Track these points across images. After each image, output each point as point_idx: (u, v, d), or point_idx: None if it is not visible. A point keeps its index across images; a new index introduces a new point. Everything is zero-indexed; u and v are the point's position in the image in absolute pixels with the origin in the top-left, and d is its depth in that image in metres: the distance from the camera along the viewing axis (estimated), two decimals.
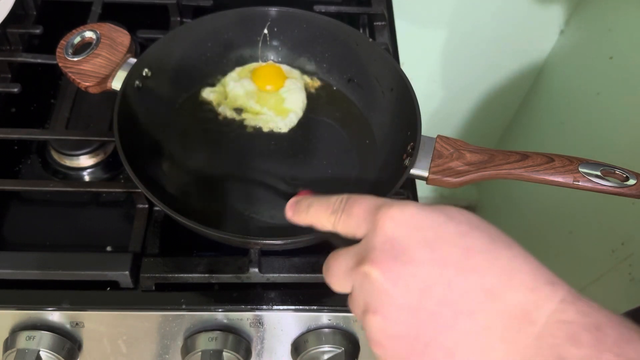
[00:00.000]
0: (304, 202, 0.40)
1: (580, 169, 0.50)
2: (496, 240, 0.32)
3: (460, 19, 1.09)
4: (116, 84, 0.56)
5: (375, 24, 0.75)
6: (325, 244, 0.52)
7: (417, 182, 0.57)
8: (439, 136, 0.53)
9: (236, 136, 0.61)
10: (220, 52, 0.65)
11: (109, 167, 0.62)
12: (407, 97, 0.56)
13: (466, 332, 0.30)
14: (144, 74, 0.58)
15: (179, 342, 0.53)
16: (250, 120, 0.62)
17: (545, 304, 0.30)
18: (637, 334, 0.28)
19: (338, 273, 0.36)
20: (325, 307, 0.52)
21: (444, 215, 0.33)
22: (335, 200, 0.38)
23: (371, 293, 0.32)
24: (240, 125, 0.62)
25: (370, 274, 0.32)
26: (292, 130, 0.62)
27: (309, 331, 0.53)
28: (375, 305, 0.32)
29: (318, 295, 0.53)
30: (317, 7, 0.72)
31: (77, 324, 0.51)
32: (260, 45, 0.66)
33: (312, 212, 0.39)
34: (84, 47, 0.57)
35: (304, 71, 0.67)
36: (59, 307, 0.50)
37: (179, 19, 0.73)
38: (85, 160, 0.61)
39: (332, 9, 0.73)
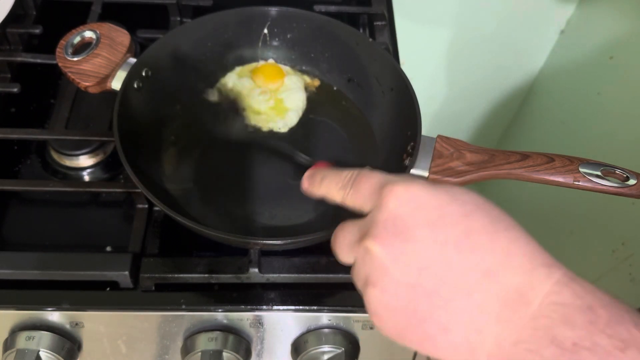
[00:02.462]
0: (319, 174, 0.42)
1: (581, 169, 0.50)
2: (498, 221, 0.32)
3: (461, 19, 1.09)
4: (116, 83, 0.55)
5: (375, 23, 0.75)
6: (325, 244, 0.52)
7: None
8: (439, 136, 0.53)
9: (236, 136, 0.61)
10: (220, 52, 0.65)
11: (108, 167, 0.62)
12: (407, 97, 0.56)
13: (462, 311, 0.31)
14: (143, 73, 0.58)
15: (179, 343, 0.53)
16: (250, 120, 0.62)
17: (541, 285, 0.30)
18: (629, 314, 0.29)
19: (343, 244, 0.37)
20: (325, 307, 0.52)
21: (448, 195, 0.33)
22: (345, 174, 0.39)
23: (372, 267, 0.33)
24: (241, 125, 0.62)
25: (372, 249, 0.33)
26: (292, 130, 0.62)
27: (309, 331, 0.53)
28: (375, 279, 0.33)
29: (318, 295, 0.53)
30: (317, 7, 0.72)
31: (76, 324, 0.51)
32: (260, 45, 0.66)
33: (324, 185, 0.41)
34: (83, 47, 0.57)
35: (303, 71, 0.67)
36: (58, 307, 0.50)
37: (178, 18, 0.73)
38: (85, 160, 0.61)
39: (332, 8, 0.73)
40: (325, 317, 0.53)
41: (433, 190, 0.34)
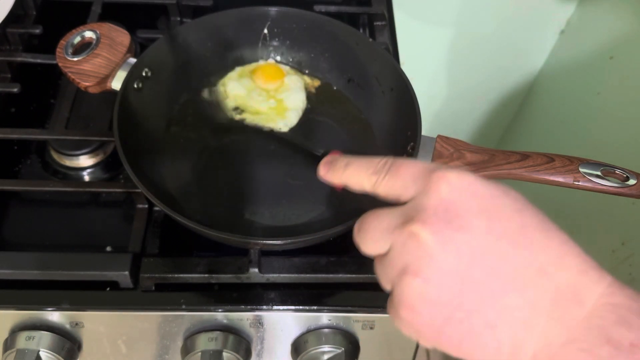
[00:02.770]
0: (342, 161, 0.39)
1: (581, 169, 0.50)
2: (548, 222, 0.32)
3: (461, 19, 1.09)
4: (116, 83, 0.55)
5: (375, 23, 0.75)
6: (325, 244, 0.52)
7: None
8: (439, 136, 0.53)
9: (236, 136, 0.61)
10: (220, 52, 0.65)
11: (108, 167, 0.62)
12: (407, 97, 0.56)
13: (512, 307, 0.30)
14: (143, 74, 0.58)
15: (179, 343, 0.53)
16: (251, 120, 0.62)
17: (595, 286, 0.29)
18: None
19: (376, 230, 0.34)
20: (325, 307, 0.52)
21: (500, 189, 0.32)
22: (378, 160, 0.36)
23: (415, 254, 0.31)
24: (241, 125, 0.62)
25: (419, 234, 0.31)
26: (292, 130, 0.62)
27: (309, 331, 0.53)
28: (418, 267, 0.31)
29: (318, 295, 0.53)
30: (317, 7, 0.72)
31: (76, 324, 0.51)
32: (260, 45, 0.66)
33: (350, 171, 0.38)
34: (83, 47, 0.57)
35: (303, 71, 0.67)
36: (58, 307, 0.50)
37: (179, 19, 0.73)
38: (85, 160, 0.61)
39: (332, 8, 0.73)
40: (325, 317, 0.53)
41: (485, 181, 0.32)
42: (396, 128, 0.58)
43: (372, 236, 0.34)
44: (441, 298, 0.30)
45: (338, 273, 0.52)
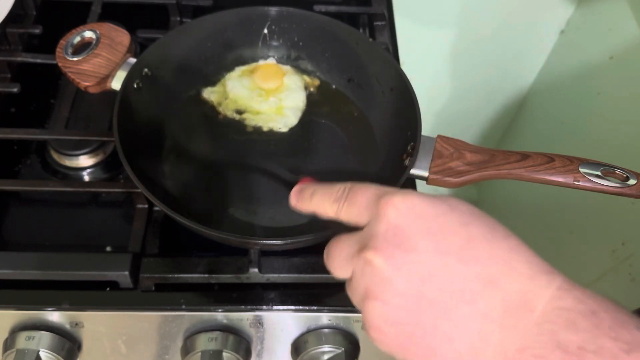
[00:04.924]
0: (308, 190, 0.41)
1: (581, 169, 0.50)
2: (495, 230, 0.33)
3: (461, 19, 1.09)
4: (116, 83, 0.55)
5: (375, 23, 0.75)
6: (325, 244, 0.52)
7: (417, 182, 0.57)
8: (439, 136, 0.53)
9: (236, 136, 0.61)
10: (220, 52, 0.65)
11: (108, 167, 0.62)
12: (407, 97, 0.56)
13: (465, 319, 0.31)
14: (143, 73, 0.58)
15: (179, 343, 0.53)
16: (251, 119, 0.62)
17: (543, 291, 0.30)
18: (630, 317, 0.29)
19: (339, 258, 0.36)
20: (325, 307, 0.52)
21: (446, 205, 0.34)
22: (338, 188, 0.38)
23: (372, 279, 0.33)
24: (241, 124, 0.62)
25: (373, 260, 0.33)
26: (292, 130, 0.62)
27: (309, 331, 0.53)
28: (376, 292, 0.33)
29: (318, 295, 0.53)
30: (317, 7, 0.72)
31: (76, 324, 0.51)
32: (260, 45, 0.66)
33: (315, 200, 0.40)
34: (83, 47, 0.57)
35: (303, 71, 0.67)
36: (58, 307, 0.50)
37: (178, 19, 0.73)
38: (85, 160, 0.61)
39: (332, 8, 0.73)
40: (325, 317, 0.53)
41: (431, 200, 0.34)
42: (396, 128, 0.58)
43: (338, 263, 0.37)
44: (401, 318, 0.32)
45: None
